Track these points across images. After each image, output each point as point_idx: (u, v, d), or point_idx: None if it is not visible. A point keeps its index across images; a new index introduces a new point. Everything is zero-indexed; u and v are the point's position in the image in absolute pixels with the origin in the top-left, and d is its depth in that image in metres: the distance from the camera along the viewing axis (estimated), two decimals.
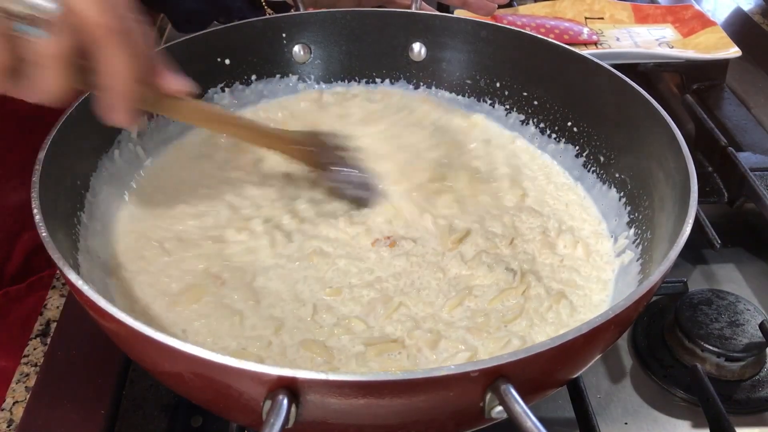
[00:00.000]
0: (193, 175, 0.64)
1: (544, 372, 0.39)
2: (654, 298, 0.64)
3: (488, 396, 0.37)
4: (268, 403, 0.36)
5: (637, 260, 0.55)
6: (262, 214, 0.59)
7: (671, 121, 0.54)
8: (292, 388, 0.36)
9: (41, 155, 0.49)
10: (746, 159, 0.75)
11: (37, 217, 0.45)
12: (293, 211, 0.59)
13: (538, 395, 0.43)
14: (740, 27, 1.10)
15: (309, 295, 0.53)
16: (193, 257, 0.56)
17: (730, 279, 0.69)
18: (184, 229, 0.59)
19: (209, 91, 0.70)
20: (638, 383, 0.59)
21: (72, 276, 0.41)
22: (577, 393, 0.55)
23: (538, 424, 0.34)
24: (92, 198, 0.57)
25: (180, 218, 0.59)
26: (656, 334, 0.62)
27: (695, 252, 0.71)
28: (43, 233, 0.44)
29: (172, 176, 0.64)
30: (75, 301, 0.62)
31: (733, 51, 0.88)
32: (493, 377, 0.36)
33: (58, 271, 0.67)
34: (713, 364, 0.58)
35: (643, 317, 0.63)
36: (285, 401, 0.35)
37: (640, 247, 0.55)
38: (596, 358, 0.44)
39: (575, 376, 0.46)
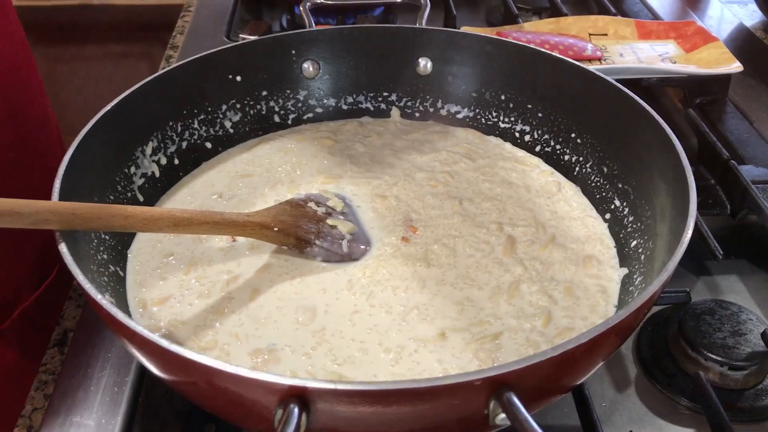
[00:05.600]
0: None
1: (547, 380, 0.40)
2: (658, 309, 0.65)
3: (492, 404, 0.38)
4: (279, 412, 0.37)
5: (640, 269, 0.56)
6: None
7: (671, 132, 0.56)
8: (302, 397, 0.37)
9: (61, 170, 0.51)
10: (748, 172, 0.76)
11: (57, 234, 0.47)
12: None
13: (542, 402, 0.44)
14: (743, 42, 1.11)
15: None
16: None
17: (733, 290, 0.69)
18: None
19: (222, 106, 0.72)
20: (643, 392, 0.59)
21: (91, 290, 0.43)
22: (582, 401, 0.55)
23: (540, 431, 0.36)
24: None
25: None
26: (660, 343, 0.62)
27: (698, 263, 0.72)
28: (63, 249, 0.46)
29: None
30: (91, 311, 0.64)
31: (735, 66, 0.89)
32: (495, 385, 0.37)
33: (75, 282, 0.68)
34: (716, 373, 0.59)
35: (648, 327, 0.64)
36: (296, 410, 0.37)
37: (643, 256, 0.56)
38: (598, 366, 0.45)
39: (578, 383, 0.47)
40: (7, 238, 0.71)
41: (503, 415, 0.38)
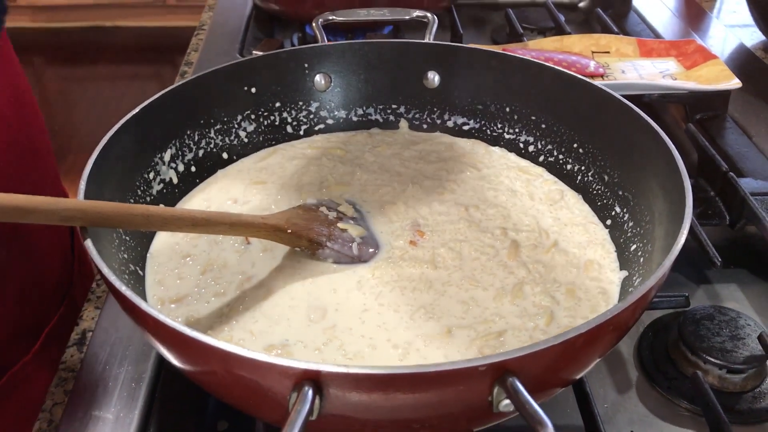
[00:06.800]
0: None
1: (547, 369, 0.42)
2: (658, 315, 0.67)
3: (496, 390, 0.40)
4: (294, 395, 0.39)
5: (639, 272, 0.58)
6: None
7: (667, 138, 0.58)
8: (316, 380, 0.39)
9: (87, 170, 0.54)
10: (747, 184, 0.77)
11: (82, 231, 0.49)
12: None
13: (544, 392, 0.46)
14: (743, 61, 1.14)
15: None
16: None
17: (732, 298, 0.71)
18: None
19: (237, 117, 0.74)
20: (643, 394, 0.61)
21: (116, 282, 0.45)
22: (584, 401, 0.57)
23: (541, 412, 0.37)
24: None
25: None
26: (661, 348, 0.64)
27: (699, 272, 0.74)
28: (89, 245, 0.48)
29: None
30: (109, 312, 0.66)
31: (734, 82, 0.91)
32: (500, 371, 0.39)
33: (93, 284, 0.71)
34: (715, 376, 0.60)
35: (648, 333, 0.66)
36: (310, 393, 0.39)
37: (642, 259, 0.59)
38: (596, 360, 0.47)
39: (577, 377, 0.49)
40: (29, 263, 0.74)
41: (506, 401, 0.39)
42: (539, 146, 0.75)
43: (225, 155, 0.74)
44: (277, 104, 0.76)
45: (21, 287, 0.75)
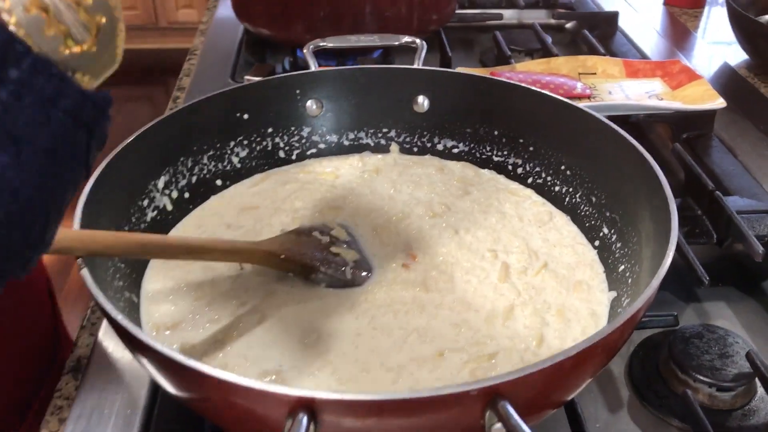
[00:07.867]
0: None
1: (538, 392, 0.43)
2: (649, 334, 0.68)
3: (488, 413, 0.40)
4: (289, 422, 0.40)
5: (627, 292, 0.59)
6: None
7: (651, 159, 0.59)
8: (311, 407, 0.40)
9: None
10: (733, 202, 0.79)
11: (79, 260, 0.50)
12: None
13: (535, 414, 0.46)
14: (728, 80, 1.16)
15: None
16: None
17: (721, 315, 0.72)
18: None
19: (230, 143, 0.75)
20: (635, 413, 0.61)
21: (112, 311, 0.45)
22: (576, 422, 0.58)
23: None
24: None
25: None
26: (651, 367, 0.65)
27: (687, 290, 0.75)
28: (86, 274, 0.49)
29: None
30: (103, 339, 0.67)
31: (719, 102, 0.93)
32: (491, 395, 0.40)
33: (88, 311, 0.71)
34: (705, 395, 0.61)
35: (639, 352, 0.66)
36: (305, 419, 0.39)
37: (630, 279, 0.59)
38: (587, 381, 0.48)
39: (568, 398, 0.49)
40: (10, 336, 0.74)
41: (499, 425, 0.40)
42: (527, 168, 0.76)
43: (218, 181, 0.75)
44: (270, 130, 0.77)
45: (5, 360, 0.74)
